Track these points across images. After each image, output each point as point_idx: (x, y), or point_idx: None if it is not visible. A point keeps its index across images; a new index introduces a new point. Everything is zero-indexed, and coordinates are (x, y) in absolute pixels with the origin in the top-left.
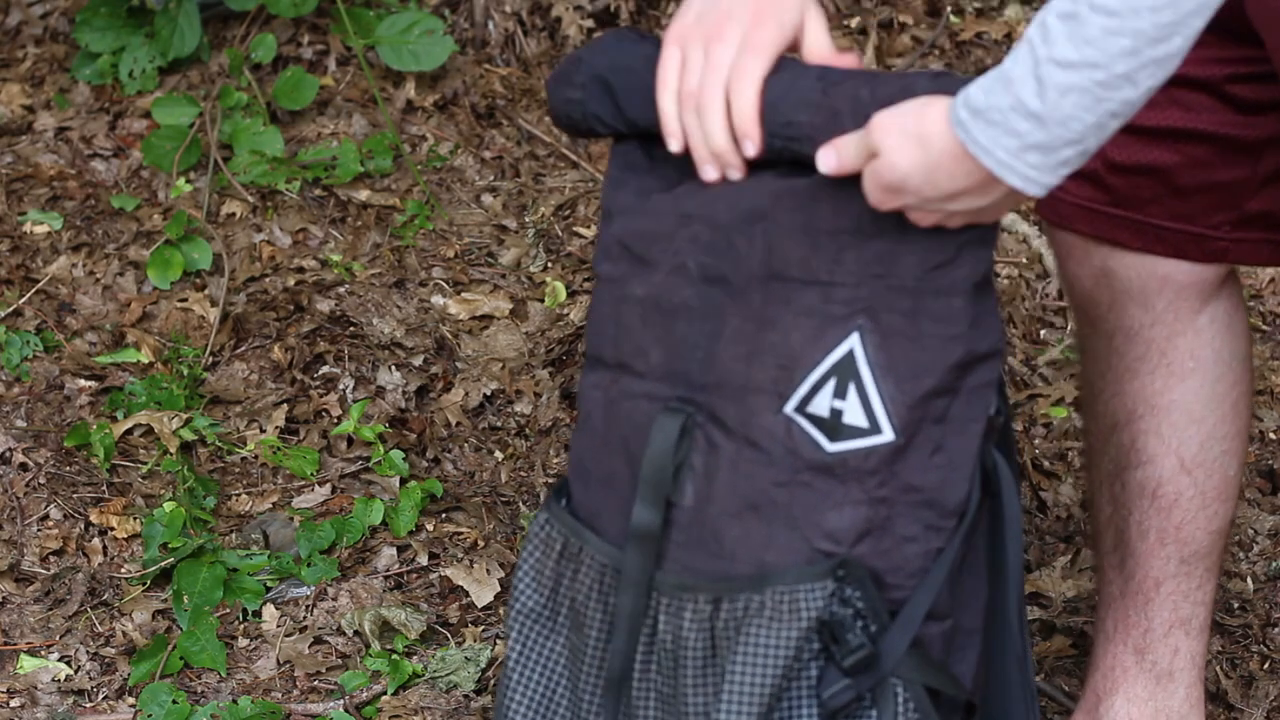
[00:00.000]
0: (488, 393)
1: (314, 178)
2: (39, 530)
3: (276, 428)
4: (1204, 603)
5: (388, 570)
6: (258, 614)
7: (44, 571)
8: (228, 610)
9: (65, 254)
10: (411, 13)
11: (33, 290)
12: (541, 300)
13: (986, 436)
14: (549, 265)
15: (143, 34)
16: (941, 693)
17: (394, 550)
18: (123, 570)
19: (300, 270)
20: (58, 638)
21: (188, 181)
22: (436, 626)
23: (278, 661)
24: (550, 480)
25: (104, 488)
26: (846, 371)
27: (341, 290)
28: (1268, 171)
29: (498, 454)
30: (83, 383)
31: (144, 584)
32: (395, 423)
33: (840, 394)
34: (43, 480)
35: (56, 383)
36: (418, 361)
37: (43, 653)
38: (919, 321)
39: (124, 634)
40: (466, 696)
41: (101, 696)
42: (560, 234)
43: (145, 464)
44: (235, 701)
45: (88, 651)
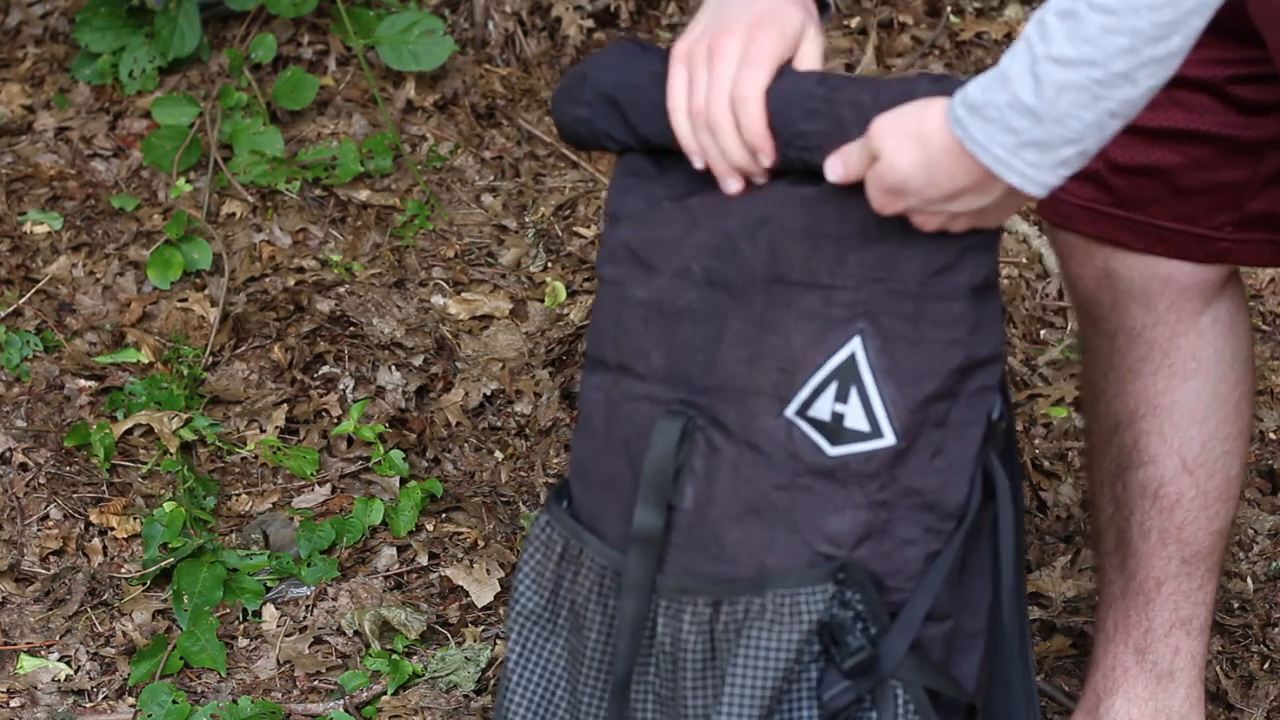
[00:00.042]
0: (488, 393)
1: (314, 178)
2: (39, 530)
3: (276, 428)
4: (1205, 603)
5: (388, 570)
6: (258, 614)
7: (44, 571)
8: (228, 610)
9: (65, 254)
10: (411, 13)
11: (33, 290)
12: (541, 300)
13: (987, 440)
14: (549, 265)
15: (143, 34)
16: (942, 694)
17: (394, 550)
18: (123, 570)
19: (300, 270)
20: (58, 638)
21: (188, 181)
22: (436, 626)
23: (278, 661)
24: (550, 480)
25: (104, 488)
26: (848, 375)
27: (341, 290)
28: (1269, 172)
29: (498, 454)
30: (83, 383)
31: (144, 584)
32: (395, 423)
33: (842, 397)
34: (43, 480)
35: (56, 383)
36: (418, 361)
37: (43, 653)
38: (920, 325)
39: (124, 634)
40: (466, 696)
41: (101, 696)
42: (560, 234)
43: (145, 464)
44: (235, 701)
45: (88, 651)
